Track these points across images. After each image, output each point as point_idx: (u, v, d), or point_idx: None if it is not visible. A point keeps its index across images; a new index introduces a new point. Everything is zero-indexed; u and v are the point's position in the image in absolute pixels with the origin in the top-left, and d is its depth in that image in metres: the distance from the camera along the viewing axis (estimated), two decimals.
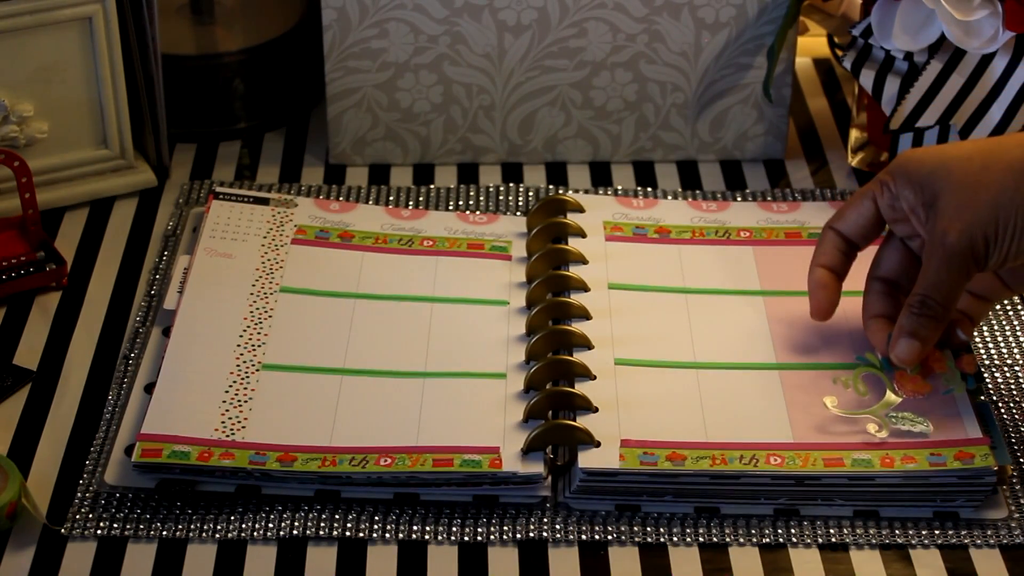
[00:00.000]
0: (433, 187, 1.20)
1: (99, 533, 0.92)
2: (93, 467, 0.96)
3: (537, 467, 0.94)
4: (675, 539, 0.93)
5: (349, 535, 0.93)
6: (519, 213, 1.17)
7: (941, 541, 0.93)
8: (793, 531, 0.93)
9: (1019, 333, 1.07)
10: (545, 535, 0.93)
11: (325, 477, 0.94)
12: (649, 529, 0.93)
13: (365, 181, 1.22)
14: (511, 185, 1.20)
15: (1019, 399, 1.02)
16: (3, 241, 1.11)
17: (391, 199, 1.19)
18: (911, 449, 0.94)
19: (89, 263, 1.13)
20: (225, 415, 0.97)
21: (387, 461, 0.94)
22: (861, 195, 1.00)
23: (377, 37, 1.18)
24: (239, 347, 1.02)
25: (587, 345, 1.02)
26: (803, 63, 1.35)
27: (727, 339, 1.03)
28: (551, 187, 1.20)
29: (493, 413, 0.98)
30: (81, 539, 0.92)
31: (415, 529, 0.93)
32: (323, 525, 0.93)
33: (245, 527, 0.93)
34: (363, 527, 0.93)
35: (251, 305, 1.05)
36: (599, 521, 0.94)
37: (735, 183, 1.22)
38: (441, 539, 0.93)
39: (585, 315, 1.04)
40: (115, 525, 0.93)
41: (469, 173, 1.23)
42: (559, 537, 0.93)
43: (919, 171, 0.96)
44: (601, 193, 1.19)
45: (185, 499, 0.94)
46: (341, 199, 1.18)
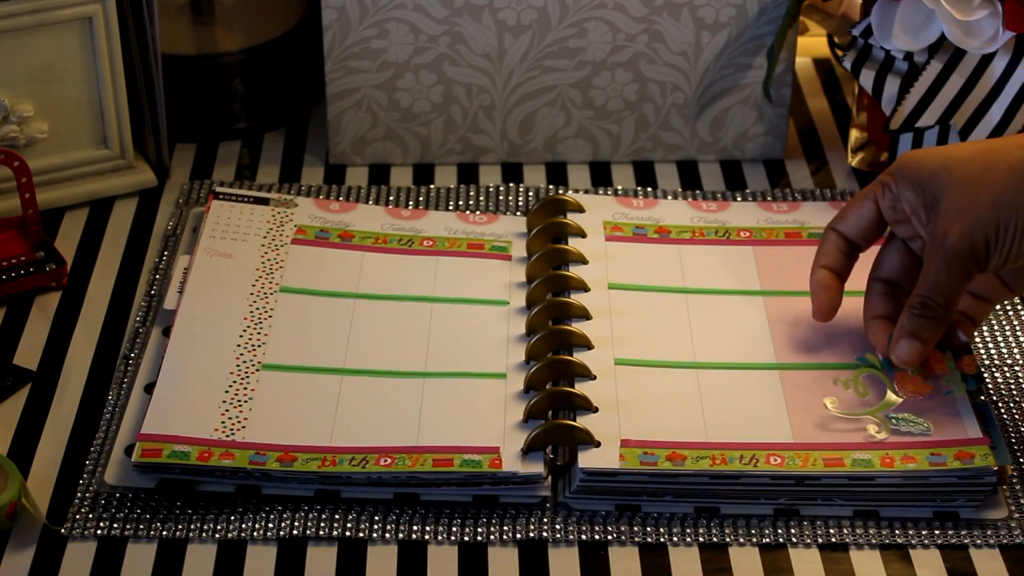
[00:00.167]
0: (433, 187, 1.20)
1: (99, 533, 0.92)
2: (93, 467, 0.96)
3: (537, 467, 0.94)
4: (675, 539, 0.93)
5: (349, 535, 0.92)
6: (519, 213, 1.17)
7: (941, 541, 0.93)
8: (793, 531, 0.93)
9: (1019, 333, 1.07)
10: (545, 535, 0.93)
11: (325, 477, 0.94)
12: (649, 529, 0.93)
13: (365, 181, 1.22)
14: (511, 185, 1.20)
15: (1019, 399, 1.02)
16: (3, 241, 1.11)
17: (391, 199, 1.19)
18: (911, 449, 0.94)
19: (89, 263, 1.13)
20: (225, 415, 0.97)
21: (387, 461, 0.94)
22: (862, 196, 1.00)
23: (377, 37, 1.18)
24: (239, 347, 1.02)
25: (587, 345, 1.02)
26: (803, 63, 1.35)
27: (727, 339, 1.03)
28: (551, 187, 1.20)
29: (493, 413, 0.97)
30: (81, 539, 0.92)
31: (415, 529, 0.93)
32: (323, 525, 0.93)
33: (245, 527, 0.93)
34: (363, 527, 0.93)
35: (251, 305, 1.05)
36: (599, 521, 0.94)
37: (735, 183, 1.22)
38: (441, 539, 0.93)
39: (585, 315, 1.04)
40: (115, 525, 0.93)
41: (469, 173, 1.23)
42: (559, 537, 0.93)
43: (920, 172, 0.96)
44: (601, 193, 1.19)
45: (185, 499, 0.94)
46: (341, 199, 1.18)
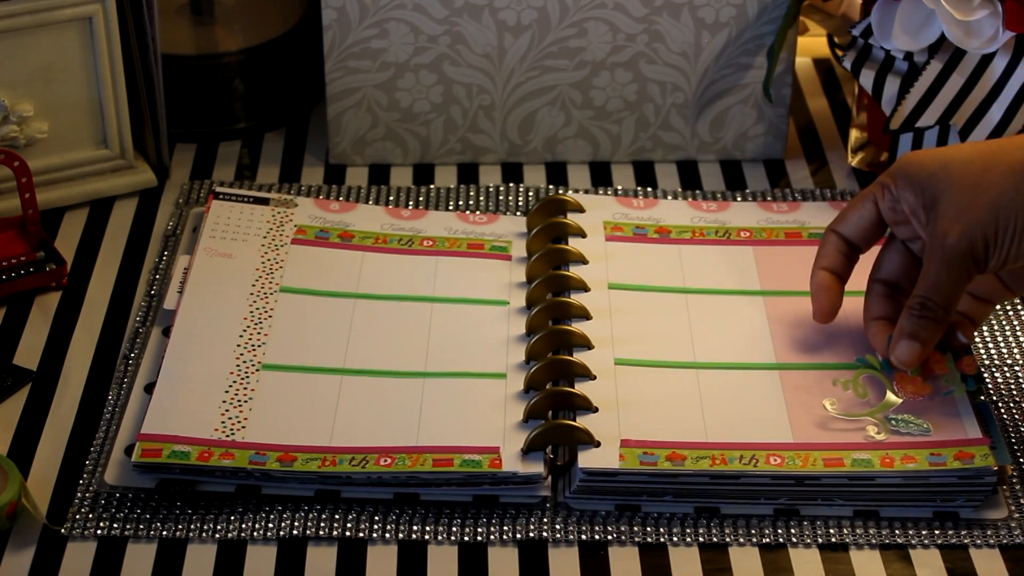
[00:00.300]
0: (433, 187, 1.20)
1: (99, 533, 0.92)
2: (93, 467, 0.96)
3: (537, 467, 0.94)
4: (675, 539, 0.93)
5: (349, 535, 0.92)
6: (519, 213, 1.17)
7: (941, 541, 0.93)
8: (793, 531, 0.93)
9: (1019, 333, 1.07)
10: (545, 535, 0.93)
11: (325, 477, 0.94)
12: (649, 529, 0.93)
13: (365, 181, 1.22)
14: (511, 185, 1.20)
15: (1019, 399, 1.02)
16: (3, 241, 1.11)
17: (391, 199, 1.19)
18: (911, 449, 0.94)
19: (89, 263, 1.13)
20: (225, 415, 0.97)
21: (387, 461, 0.94)
22: (862, 198, 1.00)
23: (377, 37, 1.18)
24: (239, 347, 1.02)
25: (587, 345, 1.02)
26: (803, 63, 1.35)
27: (727, 339, 1.03)
28: (551, 187, 1.20)
29: (493, 413, 0.97)
30: (81, 539, 0.92)
31: (415, 529, 0.93)
32: (323, 525, 0.93)
33: (245, 527, 0.93)
34: (363, 527, 0.93)
35: (251, 305, 1.05)
36: (599, 521, 0.94)
37: (735, 183, 1.22)
38: (441, 539, 0.93)
39: (585, 315, 1.04)
40: (115, 525, 0.93)
41: (469, 173, 1.23)
42: (559, 537, 0.93)
43: (920, 173, 0.96)
44: (601, 193, 1.19)
45: (185, 499, 0.94)
46: (341, 199, 1.18)
